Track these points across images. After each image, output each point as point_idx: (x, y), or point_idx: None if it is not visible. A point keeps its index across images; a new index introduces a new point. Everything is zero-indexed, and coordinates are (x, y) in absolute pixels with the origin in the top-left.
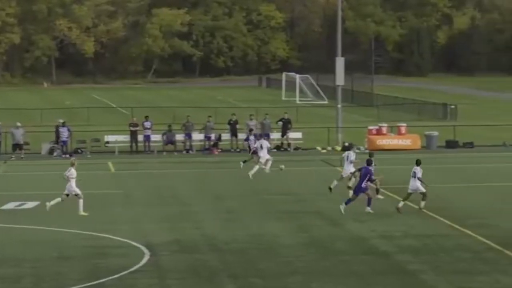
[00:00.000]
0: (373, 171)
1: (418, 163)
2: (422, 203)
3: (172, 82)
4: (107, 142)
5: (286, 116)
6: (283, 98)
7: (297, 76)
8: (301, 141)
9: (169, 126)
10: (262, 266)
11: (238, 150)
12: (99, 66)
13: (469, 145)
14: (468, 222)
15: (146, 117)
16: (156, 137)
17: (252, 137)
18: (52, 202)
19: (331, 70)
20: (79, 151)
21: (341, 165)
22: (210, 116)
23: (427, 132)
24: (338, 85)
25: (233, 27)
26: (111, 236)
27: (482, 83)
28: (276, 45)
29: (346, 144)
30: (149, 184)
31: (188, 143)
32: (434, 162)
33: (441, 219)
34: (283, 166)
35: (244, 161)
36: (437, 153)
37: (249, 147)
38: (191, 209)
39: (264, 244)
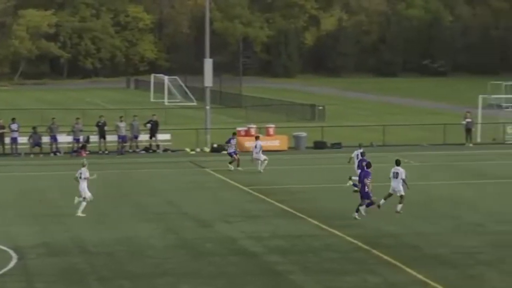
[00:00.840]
0: (370, 175)
1: (398, 163)
2: (399, 206)
3: (40, 83)
4: None
5: (154, 118)
6: (152, 100)
7: (166, 77)
8: (169, 143)
9: (34, 128)
10: (131, 268)
11: (106, 152)
12: None
13: (337, 145)
14: (336, 222)
15: (13, 119)
16: (23, 140)
17: (233, 141)
18: (80, 210)
19: (200, 71)
20: None
21: (349, 162)
22: (78, 118)
23: (295, 133)
24: (207, 87)
25: (101, 28)
26: None
27: (349, 84)
28: (144, 47)
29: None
30: (17, 187)
31: (54, 146)
32: (303, 163)
33: (309, 219)
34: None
35: (230, 162)
36: (305, 153)
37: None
38: (59, 211)
39: (133, 246)
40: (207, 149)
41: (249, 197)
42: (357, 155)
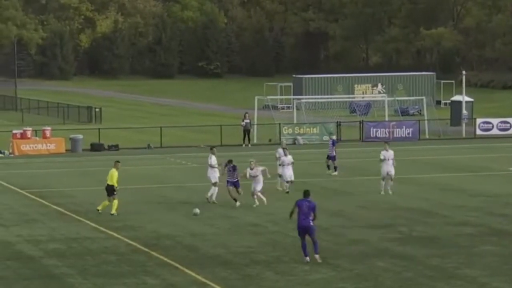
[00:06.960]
0: None
1: None
2: None
3: None
4: None
5: None
6: None
7: None
8: None
9: None
10: None
11: None
12: None
13: (114, 147)
14: (113, 224)
15: None
16: None
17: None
18: None
19: None
20: None
21: None
22: None
23: (72, 136)
24: None
25: None
26: None
27: (125, 86)
28: None
29: None
30: None
31: None
32: (79, 166)
33: (86, 221)
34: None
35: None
36: (82, 156)
37: None
38: None
39: None
40: None
41: (26, 200)
42: None
